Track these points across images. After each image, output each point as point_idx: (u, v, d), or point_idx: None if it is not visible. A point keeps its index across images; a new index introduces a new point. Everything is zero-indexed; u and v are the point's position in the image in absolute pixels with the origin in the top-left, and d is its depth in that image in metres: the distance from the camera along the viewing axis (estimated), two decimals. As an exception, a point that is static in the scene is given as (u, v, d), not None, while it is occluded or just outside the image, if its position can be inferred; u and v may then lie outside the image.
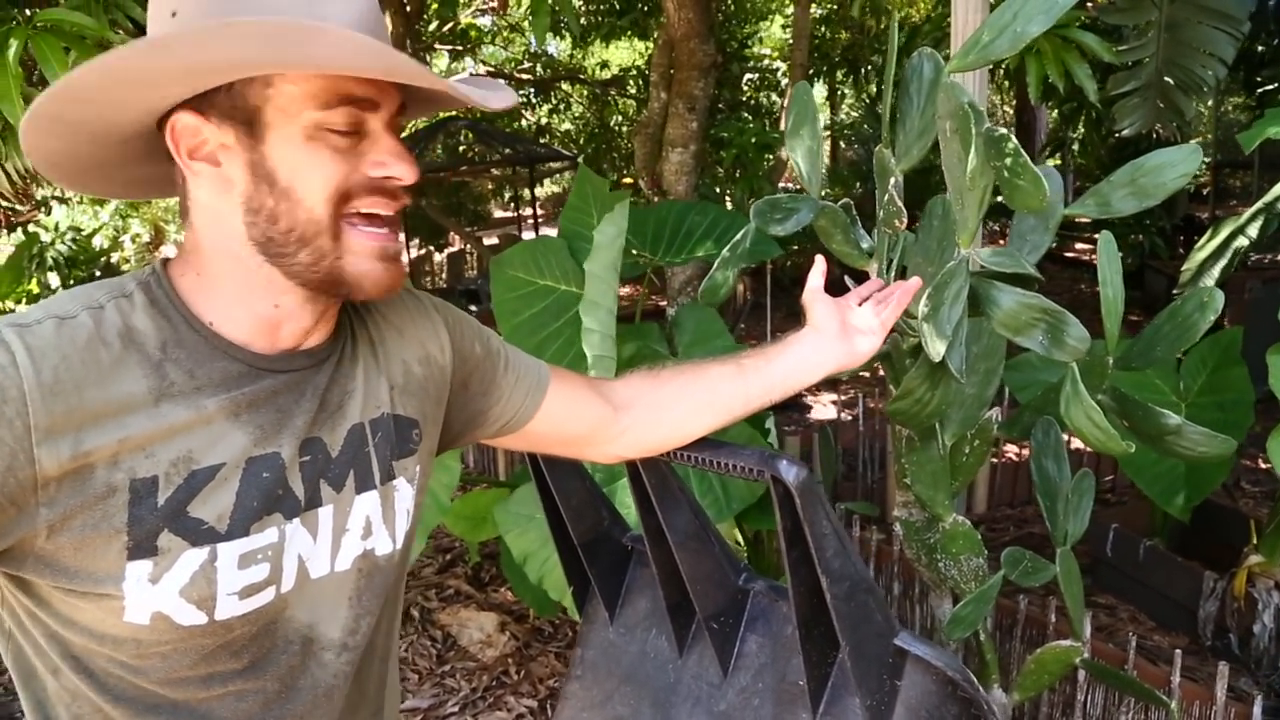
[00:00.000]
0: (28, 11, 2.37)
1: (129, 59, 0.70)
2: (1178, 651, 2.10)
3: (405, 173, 0.80)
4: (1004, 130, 1.17)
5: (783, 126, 6.41)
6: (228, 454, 0.78)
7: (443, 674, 2.94)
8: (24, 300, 7.16)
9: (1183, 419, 1.50)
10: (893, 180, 1.40)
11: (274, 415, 0.82)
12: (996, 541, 3.47)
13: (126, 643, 0.77)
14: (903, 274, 1.63)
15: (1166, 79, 3.63)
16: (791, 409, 5.74)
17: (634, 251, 2.90)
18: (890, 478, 3.48)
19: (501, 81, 0.87)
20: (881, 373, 1.85)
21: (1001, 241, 1.75)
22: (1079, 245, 10.49)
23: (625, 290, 9.84)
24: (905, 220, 1.38)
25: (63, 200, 9.32)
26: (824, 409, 5.75)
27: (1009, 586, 1.85)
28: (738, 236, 1.52)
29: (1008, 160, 1.16)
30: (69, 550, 0.73)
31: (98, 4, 2.35)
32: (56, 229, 7.88)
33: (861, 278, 1.80)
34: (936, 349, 1.26)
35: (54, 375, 0.70)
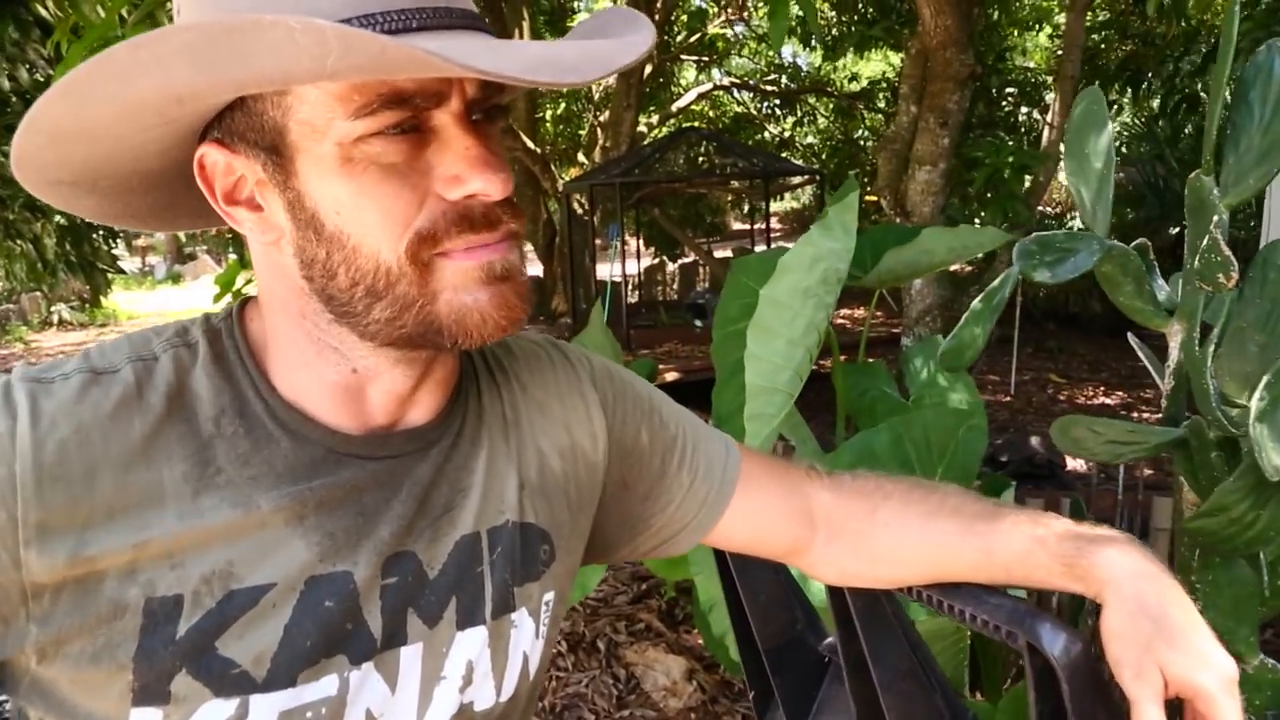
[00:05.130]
0: None
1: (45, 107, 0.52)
2: None
3: (491, 187, 0.56)
4: None
5: (1044, 143, 5.79)
6: (281, 571, 0.60)
7: (620, 719, 2.75)
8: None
9: None
10: (1215, 219, 1.04)
11: (352, 520, 0.63)
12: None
13: None
14: (1218, 344, 1.25)
15: None
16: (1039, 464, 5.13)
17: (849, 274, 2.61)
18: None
19: (637, 17, 0.58)
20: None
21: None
22: None
23: (851, 312, 9.38)
24: (1235, 275, 1.01)
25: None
26: (1073, 462, 5.09)
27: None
28: (995, 283, 1.21)
29: None
30: (65, 683, 0.57)
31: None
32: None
33: (1152, 338, 1.43)
34: (1275, 462, 0.90)
35: (59, 453, 0.55)
